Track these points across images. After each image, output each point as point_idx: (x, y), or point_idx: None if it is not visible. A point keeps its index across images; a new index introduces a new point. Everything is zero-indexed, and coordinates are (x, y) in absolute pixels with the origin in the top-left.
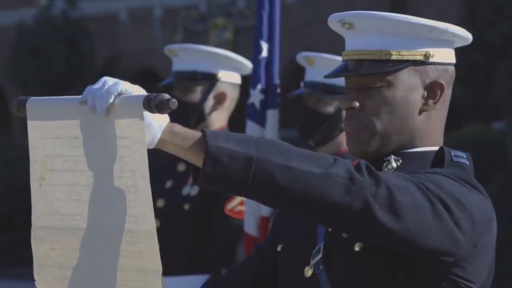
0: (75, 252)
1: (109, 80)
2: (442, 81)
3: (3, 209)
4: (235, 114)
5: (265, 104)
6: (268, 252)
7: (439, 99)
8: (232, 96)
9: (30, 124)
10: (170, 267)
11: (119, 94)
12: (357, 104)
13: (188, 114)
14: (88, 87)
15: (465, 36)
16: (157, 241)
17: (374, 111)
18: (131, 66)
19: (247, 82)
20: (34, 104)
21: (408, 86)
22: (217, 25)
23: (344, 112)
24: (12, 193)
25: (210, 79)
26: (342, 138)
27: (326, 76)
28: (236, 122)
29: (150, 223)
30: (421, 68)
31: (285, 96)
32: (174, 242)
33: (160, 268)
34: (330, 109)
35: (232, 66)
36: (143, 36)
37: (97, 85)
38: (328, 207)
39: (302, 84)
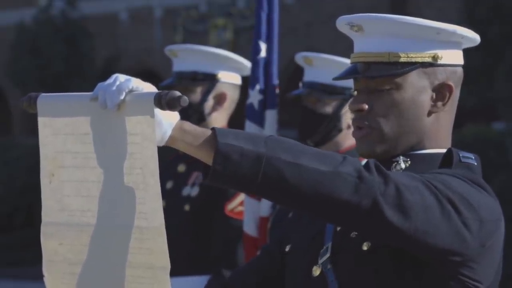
0: (84, 248)
1: (120, 77)
2: (451, 83)
3: (3, 209)
4: (234, 114)
5: (264, 105)
6: (275, 254)
7: (447, 101)
8: (232, 97)
9: (41, 120)
10: (171, 268)
11: (130, 91)
12: (366, 106)
13: (188, 115)
14: (100, 84)
15: (473, 37)
16: (165, 238)
17: (383, 113)
18: (131, 66)
19: (247, 83)
20: (45, 100)
21: (416, 88)
22: (217, 25)
23: (343, 112)
24: (12, 193)
25: (210, 80)
26: (341, 138)
27: (335, 78)
28: (235, 122)
29: (159, 220)
30: (429, 70)
31: (284, 96)
32: (174, 242)
33: (168, 265)
34: (329, 109)
35: (232, 66)
36: (143, 36)
37: (109, 81)
38: (337, 205)
39: (300, 84)
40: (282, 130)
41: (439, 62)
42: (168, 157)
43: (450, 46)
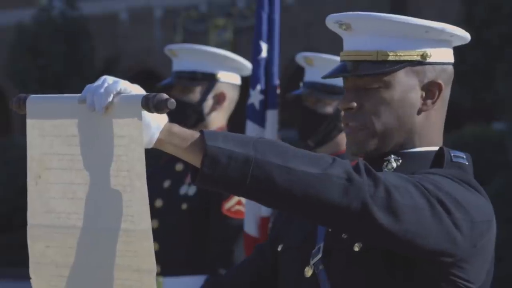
0: (71, 250)
1: (108, 79)
2: (440, 81)
3: (3, 209)
4: (235, 114)
5: (265, 105)
6: (268, 253)
7: (437, 99)
8: (232, 97)
9: (29, 122)
10: (168, 267)
11: (118, 93)
12: (355, 104)
13: (187, 114)
14: (88, 86)
15: (463, 35)
16: (152, 241)
17: (373, 111)
18: (131, 66)
19: (247, 83)
20: (34, 102)
21: (405, 87)
22: (217, 25)
23: (343, 112)
24: (12, 193)
25: (210, 79)
26: (341, 138)
27: (324, 77)
28: (236, 122)
29: (145, 223)
30: (418, 68)
31: (285, 97)
32: (172, 242)
33: (154, 268)
34: (329, 109)
35: (231, 66)
36: (143, 36)
37: (97, 83)
38: (327, 208)
39: (301, 84)
40: (283, 130)
41: (428, 60)
42: (164, 158)
43: (439, 44)
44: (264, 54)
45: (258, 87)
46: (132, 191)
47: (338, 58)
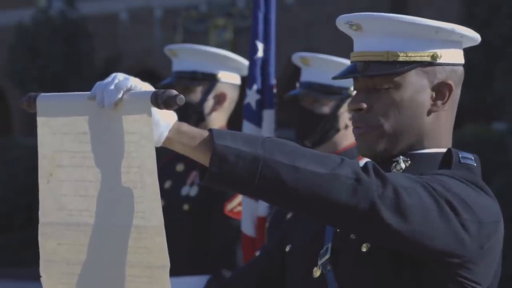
0: (82, 247)
1: (119, 76)
2: (450, 82)
3: (3, 209)
4: (233, 114)
5: (262, 104)
6: (275, 254)
7: (447, 100)
8: (232, 97)
9: (40, 120)
10: (170, 268)
11: (128, 89)
12: (365, 105)
13: (187, 114)
14: (98, 82)
15: (472, 36)
16: (164, 237)
17: (382, 112)
18: (131, 66)
19: (244, 83)
20: (44, 100)
21: (415, 87)
22: (217, 25)
23: (341, 112)
24: (12, 193)
25: (210, 80)
26: (339, 138)
27: (335, 78)
28: (234, 122)
29: (157, 219)
30: (429, 69)
31: (283, 97)
32: (173, 242)
33: (168, 263)
34: (326, 109)
35: (232, 66)
36: (143, 36)
37: (107, 80)
38: (335, 208)
39: (297, 84)
40: (280, 130)
41: (438, 61)
42: (163, 159)
43: (449, 45)
44: (260, 53)
45: (255, 87)
46: (143, 187)
47: (335, 58)
